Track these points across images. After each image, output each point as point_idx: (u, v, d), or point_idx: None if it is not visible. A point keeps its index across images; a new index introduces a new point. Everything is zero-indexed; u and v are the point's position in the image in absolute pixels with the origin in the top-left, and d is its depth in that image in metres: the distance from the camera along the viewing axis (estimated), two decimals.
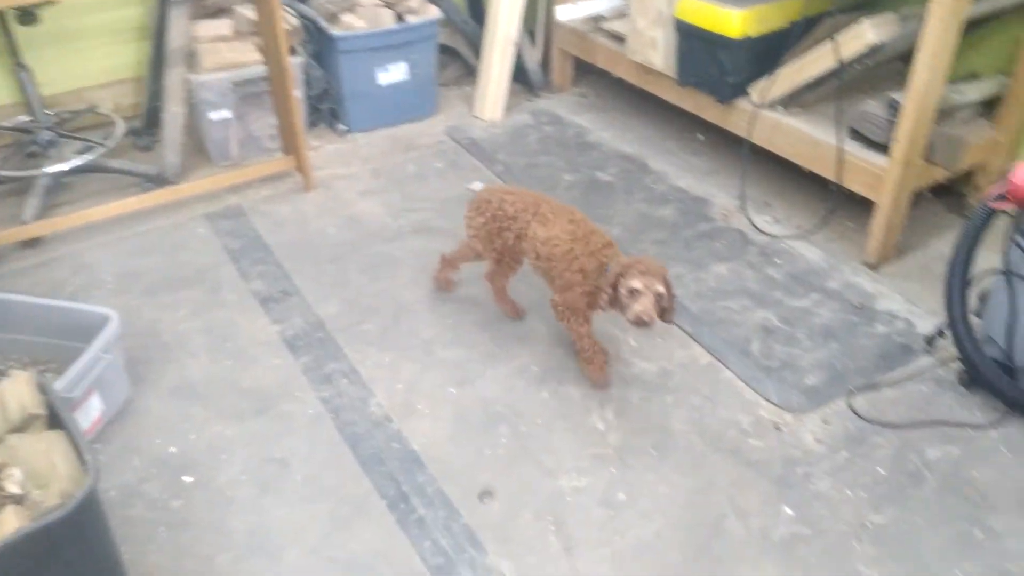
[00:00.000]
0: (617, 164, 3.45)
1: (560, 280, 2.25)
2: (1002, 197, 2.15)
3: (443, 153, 3.54)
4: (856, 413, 2.26)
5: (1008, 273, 2.18)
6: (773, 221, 3.07)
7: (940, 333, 2.42)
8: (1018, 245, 2.15)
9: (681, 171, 3.40)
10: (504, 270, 2.51)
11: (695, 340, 2.52)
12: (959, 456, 2.14)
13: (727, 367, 2.42)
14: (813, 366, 2.42)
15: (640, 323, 2.05)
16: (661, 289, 2.05)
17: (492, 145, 3.58)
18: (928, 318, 2.55)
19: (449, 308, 2.66)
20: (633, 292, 2.05)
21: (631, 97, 3.89)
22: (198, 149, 3.45)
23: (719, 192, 3.24)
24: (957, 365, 2.37)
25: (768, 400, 2.30)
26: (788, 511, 1.99)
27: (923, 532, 1.95)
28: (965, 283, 2.27)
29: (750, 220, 3.05)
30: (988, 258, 2.31)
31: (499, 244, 2.39)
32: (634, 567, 1.87)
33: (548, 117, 3.83)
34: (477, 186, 3.28)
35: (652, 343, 2.51)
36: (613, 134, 3.68)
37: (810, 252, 2.90)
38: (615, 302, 2.13)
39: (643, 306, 2.04)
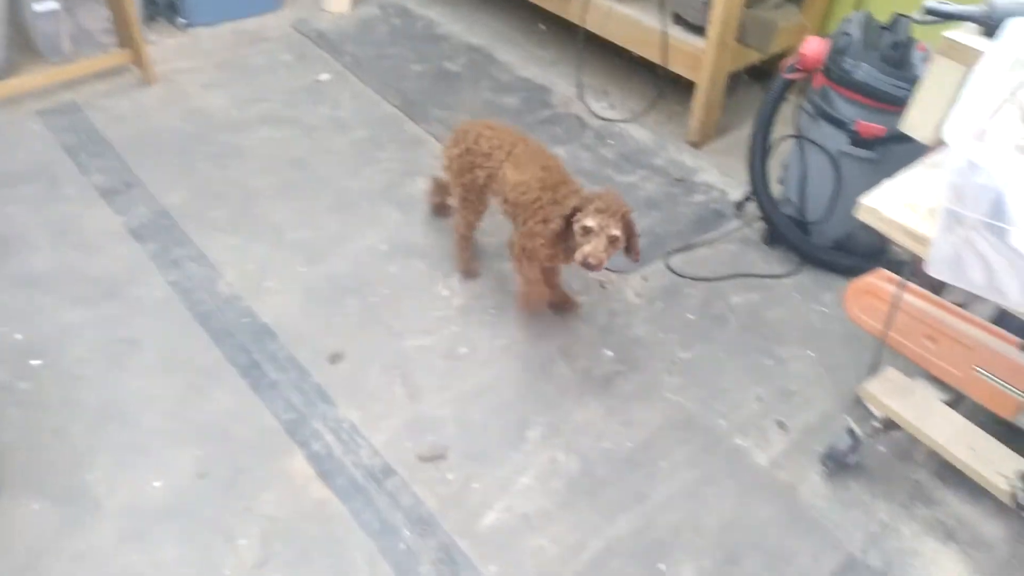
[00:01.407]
0: (465, 55, 3.53)
1: (524, 227, 2.12)
2: (794, 68, 2.40)
3: (291, 46, 3.51)
4: (671, 270, 2.52)
5: (798, 136, 2.46)
6: (609, 106, 3.27)
7: (747, 198, 2.70)
8: (805, 110, 2.42)
9: (526, 61, 3.52)
10: (468, 214, 2.33)
11: None
12: (758, 301, 2.44)
13: None
14: None
15: (587, 266, 1.89)
16: (616, 232, 1.88)
17: (340, 37, 3.58)
18: (739, 187, 2.83)
19: (301, 193, 2.72)
20: (586, 231, 1.88)
21: None
22: (27, 45, 3.28)
23: (560, 81, 3.40)
24: (760, 225, 2.66)
25: None
26: (608, 353, 2.24)
27: (723, 363, 2.25)
28: (765, 150, 2.53)
29: (587, 106, 3.23)
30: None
31: (468, 180, 2.24)
32: (473, 406, 2.08)
33: (396, 9, 3.85)
34: (325, 77, 3.30)
35: (495, 218, 2.67)
36: (462, 27, 3.74)
37: (640, 133, 3.12)
38: (566, 238, 1.98)
39: (592, 248, 1.87)
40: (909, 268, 2.07)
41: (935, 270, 1.27)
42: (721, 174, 2.92)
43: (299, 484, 1.88)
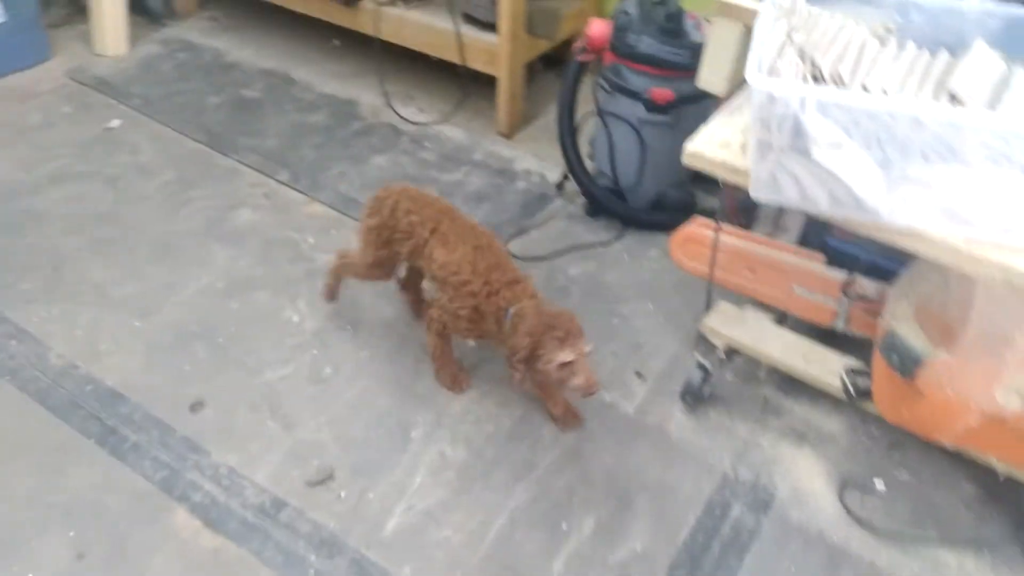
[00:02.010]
0: (261, 80, 3.47)
1: (449, 304, 2.00)
2: (584, 50, 2.58)
3: (69, 97, 3.29)
4: (512, 255, 2.62)
5: (600, 112, 2.64)
6: (417, 111, 3.33)
7: (565, 177, 2.87)
8: (602, 87, 2.61)
9: (325, 78, 3.51)
10: (375, 275, 2.21)
11: None
12: (594, 268, 2.61)
13: None
14: None
15: (590, 394, 1.86)
16: (587, 347, 1.83)
17: (124, 80, 3.40)
18: (556, 169, 2.99)
19: (116, 247, 2.58)
20: (565, 366, 1.80)
21: (263, 13, 3.85)
22: None
23: (365, 92, 3.42)
24: (581, 200, 2.83)
25: None
26: (470, 343, 2.30)
27: None
28: (573, 130, 2.70)
29: (397, 113, 3.28)
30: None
31: (384, 254, 2.11)
32: (351, 422, 2.08)
33: (180, 44, 3.70)
34: (116, 123, 3.13)
35: (328, 236, 2.67)
36: (252, 52, 3.67)
37: (454, 133, 3.21)
38: (530, 371, 1.87)
39: (585, 376, 1.82)
40: (721, 212, 2.31)
41: (757, 194, 1.45)
42: (537, 159, 3.08)
43: (187, 538, 1.80)
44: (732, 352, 2.10)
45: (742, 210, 2.38)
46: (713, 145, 1.55)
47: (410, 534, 1.83)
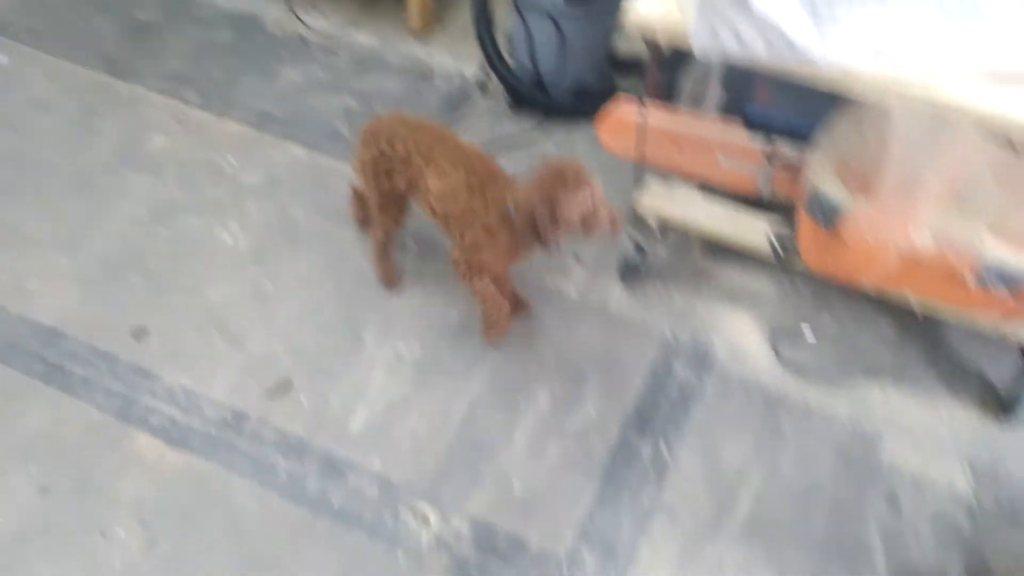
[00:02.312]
0: (153, 0, 3.29)
1: (463, 241, 1.89)
2: None
3: None
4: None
5: (517, 5, 2.62)
6: (323, 17, 3.22)
7: (485, 74, 2.85)
8: None
9: None
10: (387, 221, 2.07)
11: (290, 140, 2.67)
12: (523, 161, 2.63)
13: (326, 154, 2.62)
14: None
15: (618, 230, 1.79)
16: (598, 187, 1.75)
17: (4, 13, 3.17)
18: (474, 66, 2.96)
19: (26, 186, 2.47)
20: (587, 210, 1.73)
21: None
22: None
23: (268, 6, 3.27)
24: (503, 95, 2.83)
25: None
26: (412, 244, 2.33)
27: None
28: (489, 25, 2.67)
29: (302, 22, 3.17)
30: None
31: (386, 186, 1.97)
32: (301, 332, 2.10)
33: None
34: (3, 61, 2.94)
35: (250, 155, 2.61)
36: None
37: (364, 38, 3.13)
38: (513, 233, 1.81)
39: (608, 213, 1.75)
40: (645, 91, 2.35)
41: (699, 50, 1.52)
42: (454, 59, 3.04)
43: (153, 460, 1.82)
44: (665, 227, 2.18)
45: (664, 89, 2.43)
46: (656, 10, 1.60)
47: (375, 429, 1.89)
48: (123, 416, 1.90)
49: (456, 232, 1.89)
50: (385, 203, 2.02)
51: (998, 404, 1.99)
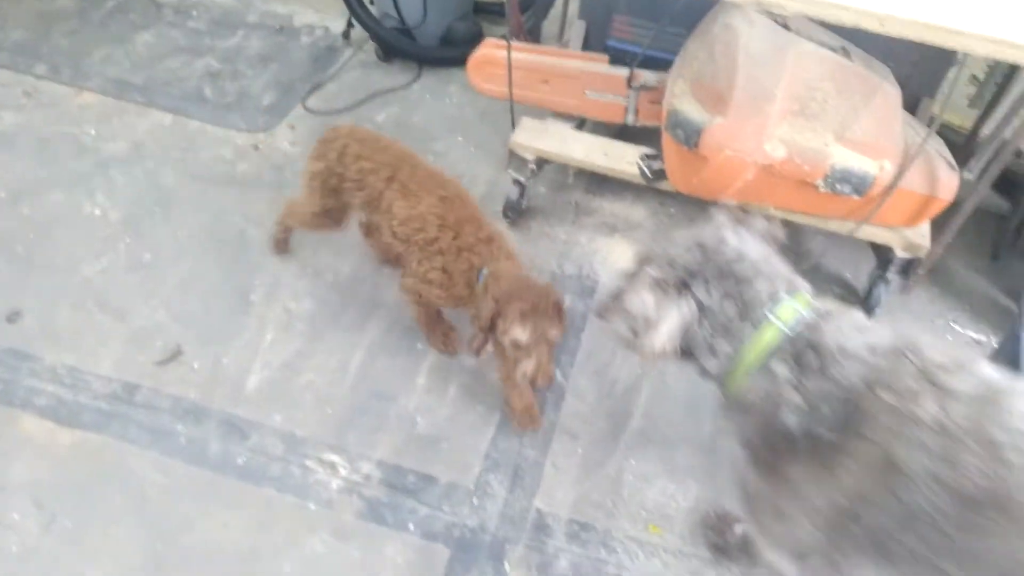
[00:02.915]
0: None
1: (419, 269, 1.74)
2: None
3: None
4: (312, 111, 2.60)
5: None
6: None
7: (350, 25, 2.82)
8: None
9: None
10: (315, 224, 1.93)
11: (153, 106, 2.57)
12: (399, 112, 2.64)
13: (191, 118, 2.54)
14: (264, 89, 2.67)
15: (539, 387, 1.61)
16: (555, 332, 1.55)
17: None
18: (339, 19, 2.92)
19: None
20: (517, 346, 1.56)
21: None
22: None
23: None
24: (372, 46, 2.80)
25: (238, 130, 2.51)
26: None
27: None
28: None
29: None
30: None
31: (332, 204, 1.82)
32: (186, 299, 2.05)
33: None
34: None
35: (111, 124, 2.50)
36: None
37: None
38: (489, 340, 1.65)
39: (535, 366, 1.56)
40: (510, 32, 2.39)
41: None
42: (316, 12, 2.98)
43: (44, 440, 1.76)
44: (542, 162, 2.24)
45: (528, 31, 2.47)
46: None
47: (273, 386, 1.89)
48: (5, 400, 1.82)
49: (413, 260, 1.75)
50: (325, 213, 1.88)
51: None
